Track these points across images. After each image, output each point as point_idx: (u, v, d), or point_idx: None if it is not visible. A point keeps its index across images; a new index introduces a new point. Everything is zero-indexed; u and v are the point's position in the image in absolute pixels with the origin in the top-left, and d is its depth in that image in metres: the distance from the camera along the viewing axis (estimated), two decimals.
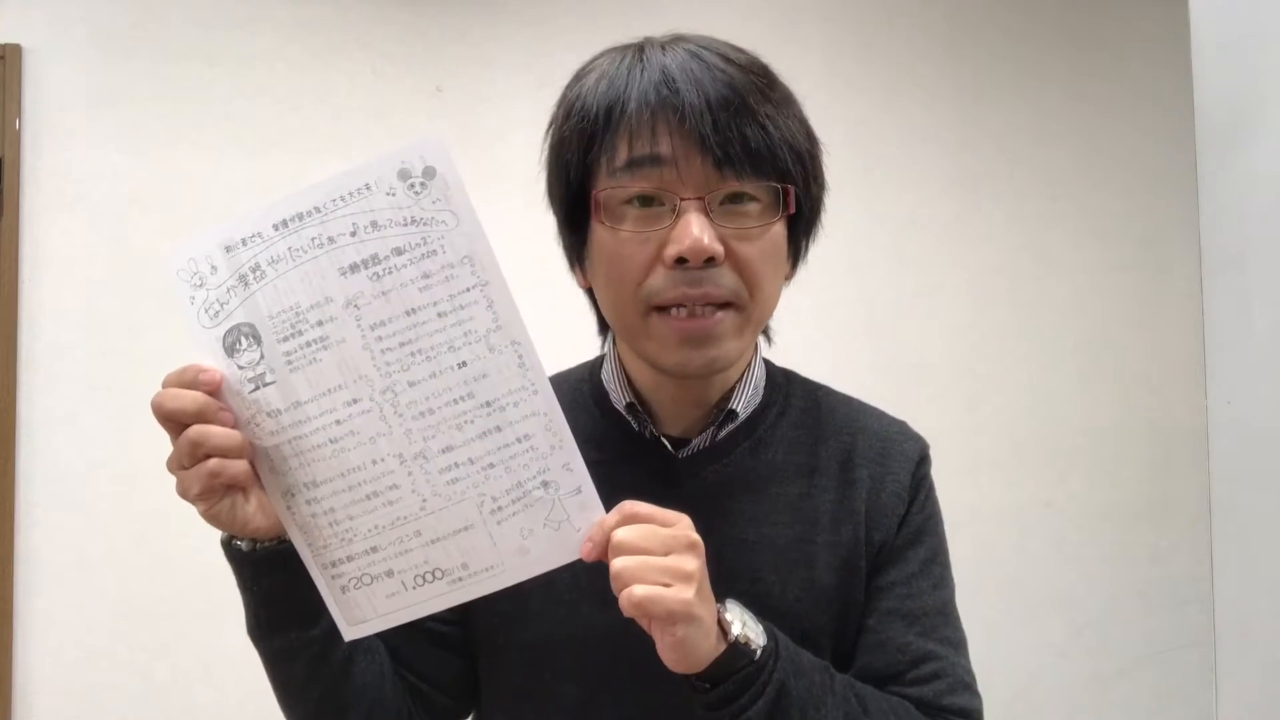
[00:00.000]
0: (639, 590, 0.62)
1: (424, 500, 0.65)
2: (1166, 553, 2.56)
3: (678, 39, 0.75)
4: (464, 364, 0.63)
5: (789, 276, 0.81)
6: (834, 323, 2.43)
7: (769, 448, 0.81)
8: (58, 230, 2.12)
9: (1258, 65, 1.11)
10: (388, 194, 0.62)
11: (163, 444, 0.65)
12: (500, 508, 0.65)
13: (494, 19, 2.36)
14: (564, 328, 0.94)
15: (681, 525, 0.65)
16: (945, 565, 0.83)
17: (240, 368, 0.64)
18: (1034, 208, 2.59)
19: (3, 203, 2.10)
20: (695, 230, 0.68)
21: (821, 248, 0.85)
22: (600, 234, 0.73)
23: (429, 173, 0.62)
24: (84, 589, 2.08)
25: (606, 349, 0.86)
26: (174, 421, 0.63)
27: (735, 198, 0.71)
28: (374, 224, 0.62)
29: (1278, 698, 1.10)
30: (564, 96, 0.76)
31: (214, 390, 0.64)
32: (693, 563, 0.64)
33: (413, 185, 0.62)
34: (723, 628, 0.66)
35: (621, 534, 0.64)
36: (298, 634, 0.71)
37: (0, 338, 2.08)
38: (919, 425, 0.87)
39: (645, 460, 0.80)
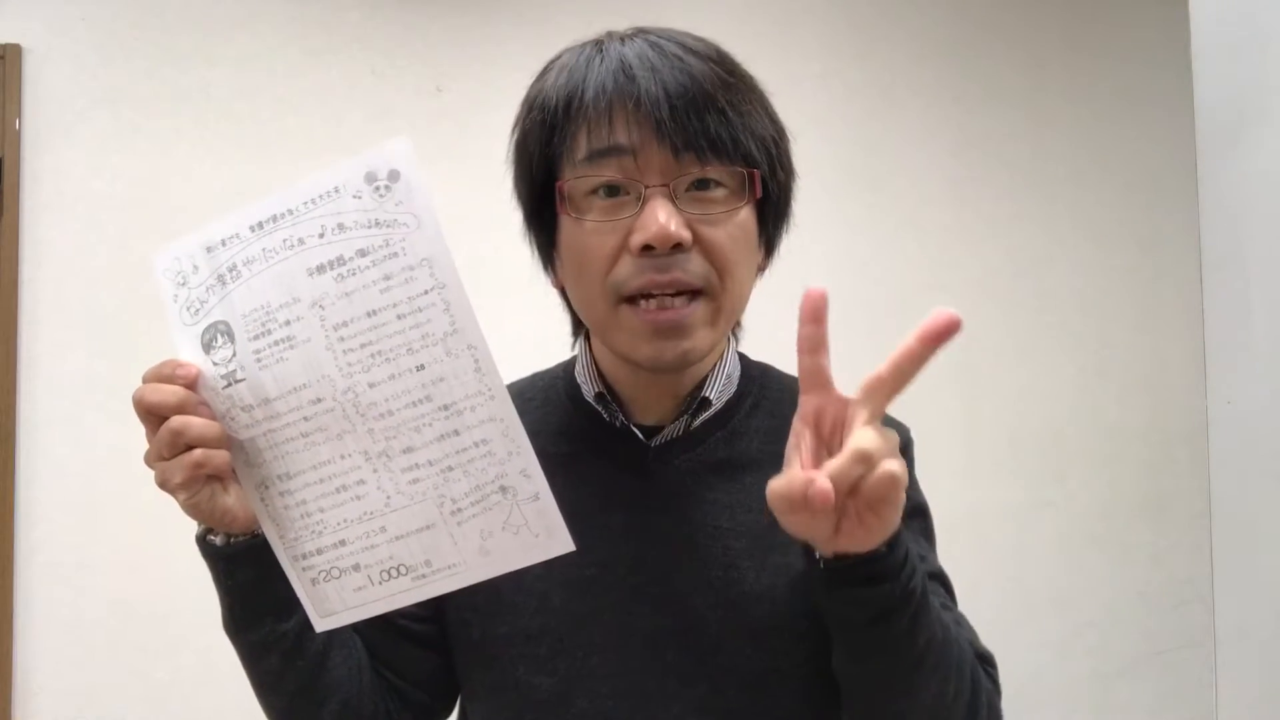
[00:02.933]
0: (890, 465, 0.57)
1: (388, 497, 0.66)
2: (1166, 553, 2.56)
3: (639, 31, 0.75)
4: (422, 367, 0.63)
5: (762, 268, 0.81)
6: (834, 322, 2.42)
7: (743, 438, 0.81)
8: (58, 230, 2.12)
9: (1258, 65, 1.11)
10: (354, 197, 0.63)
11: None
12: (460, 509, 0.66)
13: (494, 19, 2.36)
14: (563, 326, 0.94)
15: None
16: (931, 535, 0.85)
17: (215, 364, 0.65)
18: (1034, 208, 2.59)
19: (3, 203, 2.10)
20: (661, 217, 0.68)
21: (822, 247, 0.85)
22: (567, 226, 0.73)
23: (394, 175, 0.62)
24: (84, 589, 2.08)
25: (579, 346, 0.86)
26: (155, 415, 0.65)
27: (701, 184, 0.71)
28: (340, 226, 0.63)
29: (1278, 698, 1.10)
30: (527, 93, 0.77)
31: (191, 384, 0.65)
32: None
33: (378, 188, 0.63)
34: None
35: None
36: (271, 627, 0.72)
37: (0, 338, 2.08)
38: (919, 425, 0.87)
39: (616, 450, 0.80)
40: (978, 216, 2.56)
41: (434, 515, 0.66)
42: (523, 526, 0.65)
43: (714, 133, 0.69)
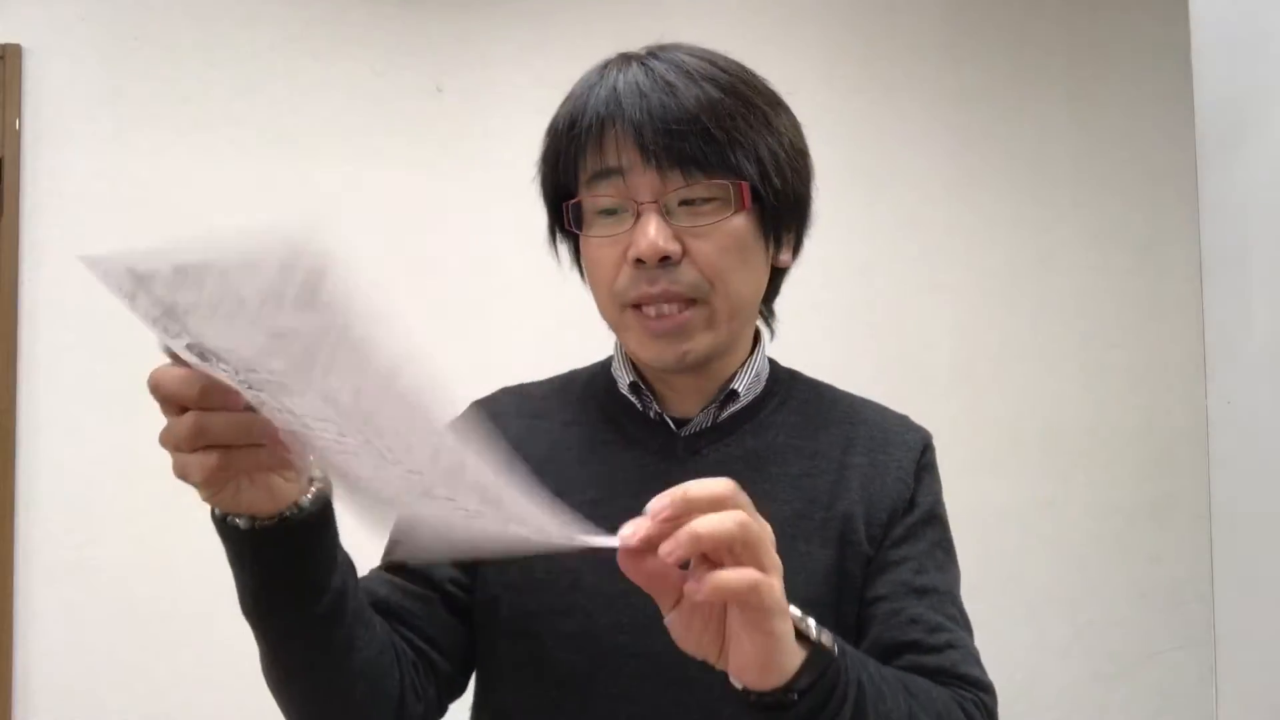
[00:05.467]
0: (737, 576, 0.53)
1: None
2: (1166, 553, 2.56)
3: (650, 54, 0.79)
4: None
5: (782, 263, 0.84)
6: (834, 322, 2.43)
7: (770, 430, 0.85)
8: (58, 230, 2.12)
9: (1258, 65, 1.11)
10: (269, 288, 0.47)
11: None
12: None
13: (494, 19, 2.36)
14: (560, 322, 0.94)
15: (748, 508, 0.56)
16: (949, 552, 0.85)
17: (224, 371, 0.54)
18: (1034, 208, 2.59)
19: (3, 203, 2.10)
20: (651, 232, 0.74)
21: (821, 248, 0.86)
22: (581, 242, 0.81)
23: (310, 283, 0.46)
24: (84, 589, 2.08)
25: (614, 342, 0.89)
26: (172, 404, 0.56)
27: (692, 199, 0.76)
28: (266, 301, 0.47)
29: (1278, 698, 1.10)
30: (554, 114, 0.83)
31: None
32: (773, 551, 0.56)
33: (295, 291, 0.46)
34: (799, 630, 0.59)
35: (703, 524, 0.53)
36: (298, 613, 0.67)
37: (0, 338, 2.08)
38: (920, 423, 0.88)
39: (648, 439, 0.84)
40: (977, 217, 2.56)
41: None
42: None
43: (696, 152, 0.74)
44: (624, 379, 0.86)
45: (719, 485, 0.55)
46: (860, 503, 0.81)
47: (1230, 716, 1.18)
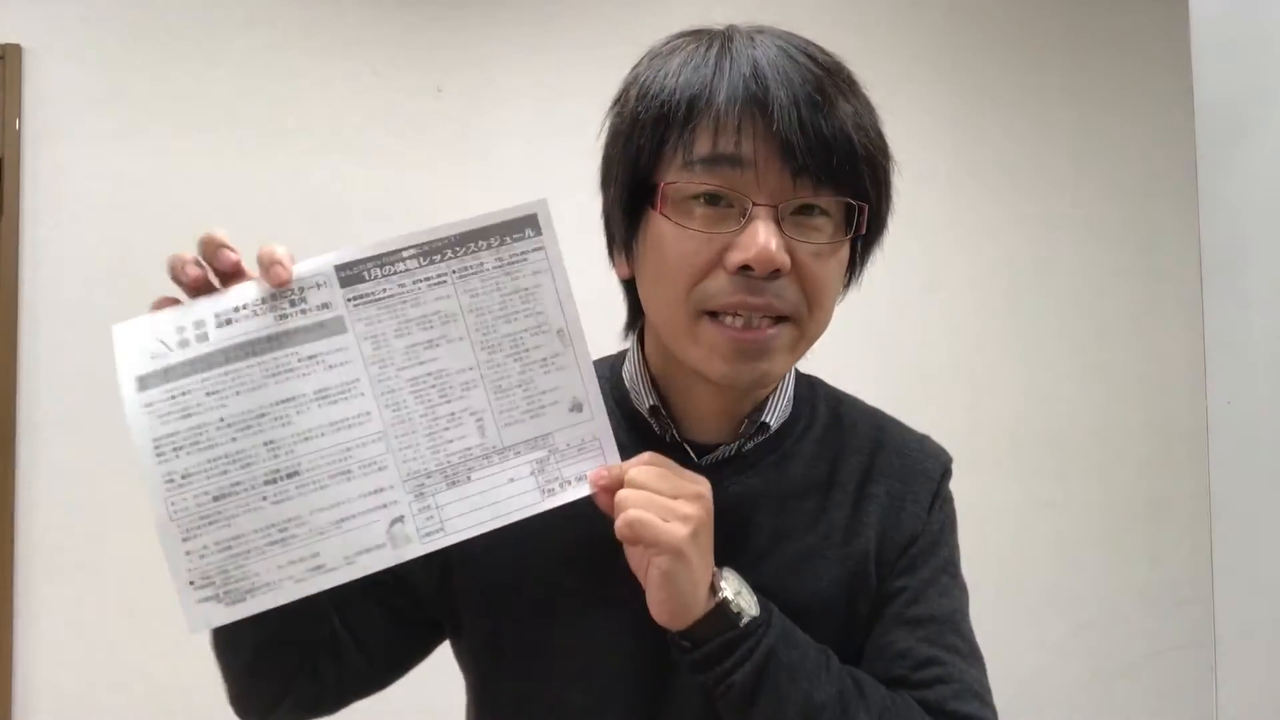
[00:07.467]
0: (634, 512, 0.64)
1: None
2: (1166, 553, 2.56)
3: (761, 30, 0.72)
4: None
5: (840, 296, 0.79)
6: (834, 323, 2.43)
7: (792, 461, 0.79)
8: (58, 230, 2.12)
9: (1258, 65, 1.11)
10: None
11: None
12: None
13: (494, 19, 2.36)
14: None
15: (699, 481, 0.68)
16: (955, 575, 0.81)
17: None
18: (1034, 208, 2.59)
19: (3, 203, 2.10)
20: (763, 239, 0.65)
21: None
22: (660, 226, 0.69)
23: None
24: (84, 589, 2.08)
25: (630, 344, 0.82)
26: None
27: (807, 209, 0.68)
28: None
29: (1278, 698, 1.10)
30: (637, 77, 0.72)
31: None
32: (692, 508, 0.66)
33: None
34: (714, 589, 0.67)
35: (636, 472, 0.67)
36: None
37: (0, 338, 2.08)
38: (919, 425, 0.87)
39: None
40: (977, 216, 2.56)
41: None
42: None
43: (835, 157, 0.66)
44: (644, 401, 0.78)
45: (642, 476, 0.67)
46: (875, 540, 0.78)
47: (1230, 716, 1.18)
